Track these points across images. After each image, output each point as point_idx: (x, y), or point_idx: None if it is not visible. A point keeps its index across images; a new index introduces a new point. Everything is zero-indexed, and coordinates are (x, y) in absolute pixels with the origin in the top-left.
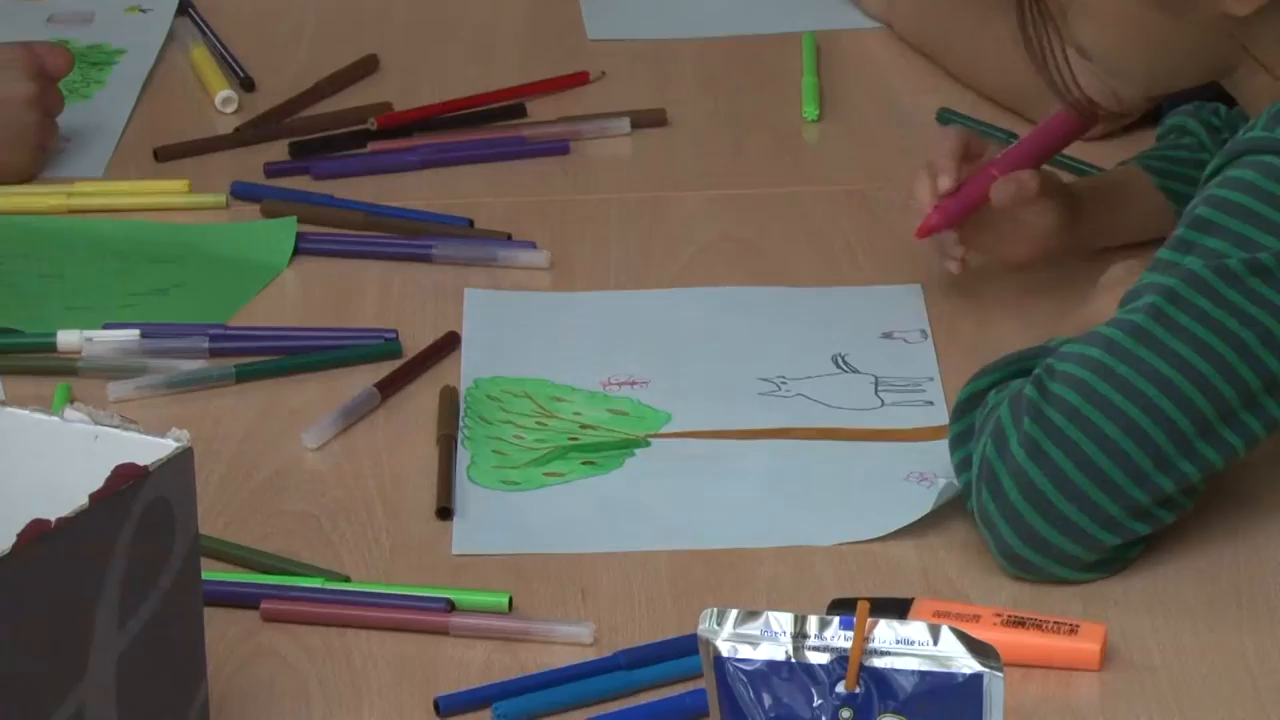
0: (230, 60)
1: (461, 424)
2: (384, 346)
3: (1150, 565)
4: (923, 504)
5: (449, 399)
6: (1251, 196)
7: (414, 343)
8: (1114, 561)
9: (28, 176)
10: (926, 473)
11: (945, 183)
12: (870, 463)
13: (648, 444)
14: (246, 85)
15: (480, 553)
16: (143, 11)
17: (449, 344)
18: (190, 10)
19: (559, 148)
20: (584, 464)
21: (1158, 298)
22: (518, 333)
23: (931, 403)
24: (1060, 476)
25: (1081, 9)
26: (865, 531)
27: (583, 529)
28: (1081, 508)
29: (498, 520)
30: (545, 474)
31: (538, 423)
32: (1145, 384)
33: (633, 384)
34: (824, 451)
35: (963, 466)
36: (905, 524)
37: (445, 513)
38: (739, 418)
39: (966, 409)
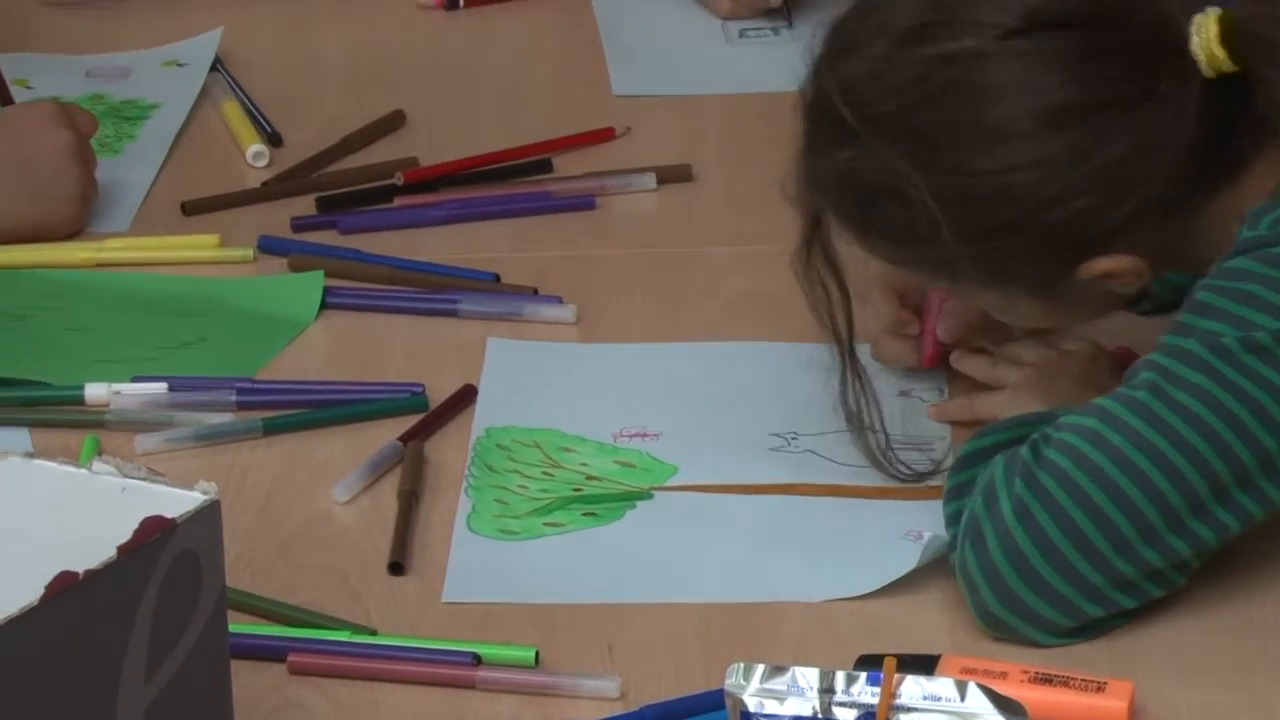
0: (258, 115)
1: (468, 473)
2: (410, 400)
3: (1176, 622)
4: (912, 560)
5: (415, 455)
6: (1250, 281)
7: (440, 397)
8: (1093, 629)
9: (75, 230)
10: (925, 530)
11: (913, 329)
12: (869, 520)
13: (650, 496)
14: (274, 140)
15: (470, 600)
16: (180, 66)
17: (467, 397)
18: (219, 66)
19: (585, 203)
20: (584, 515)
21: (1155, 374)
22: (535, 382)
23: (939, 462)
24: (1046, 541)
25: (987, 305)
26: (854, 588)
27: (574, 579)
28: (1065, 575)
29: (490, 569)
30: (545, 524)
31: (544, 473)
32: (1138, 455)
33: (644, 436)
34: (823, 508)
35: (952, 520)
36: (892, 579)
37: (397, 568)
38: (745, 472)
39: (967, 464)
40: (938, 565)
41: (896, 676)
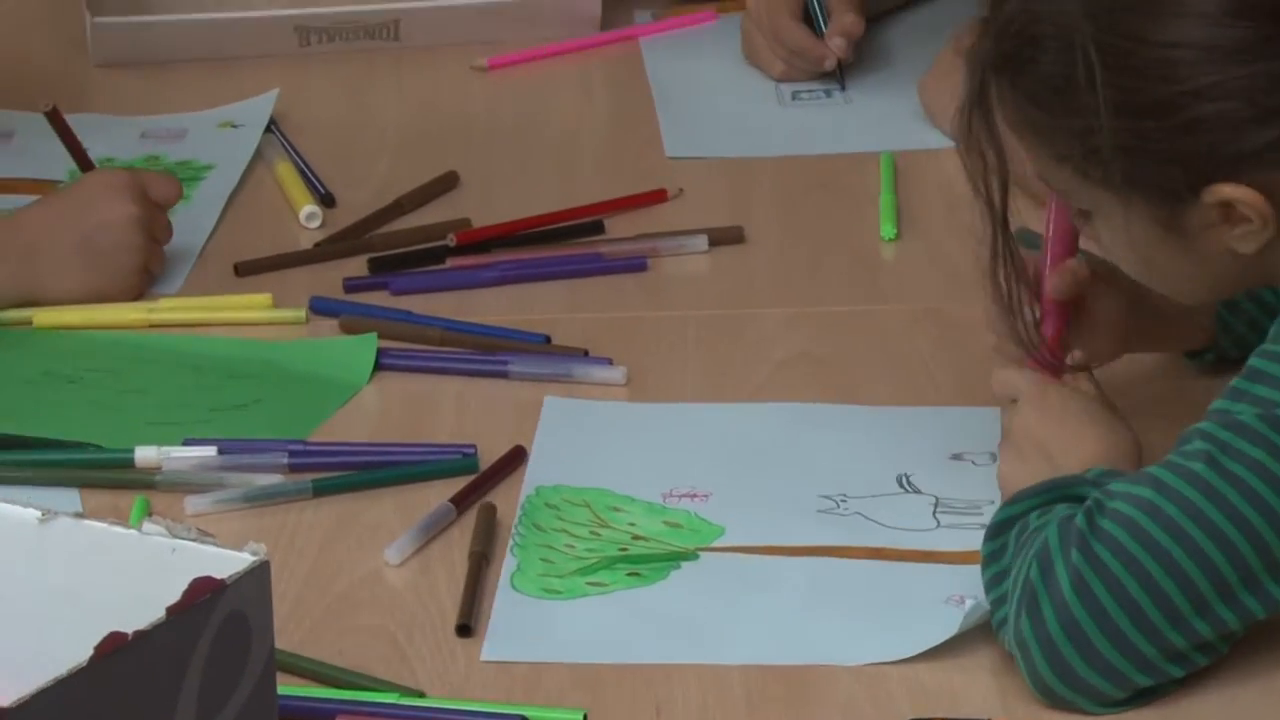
0: (311, 177)
1: (515, 532)
2: (461, 462)
3: (1231, 688)
4: (953, 626)
5: (486, 516)
6: None
7: (490, 458)
8: (1141, 698)
9: (131, 298)
10: (966, 595)
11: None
12: (913, 584)
13: (696, 557)
14: (327, 201)
15: (509, 660)
16: (235, 127)
17: (517, 458)
18: (274, 127)
19: (637, 264)
20: (629, 575)
21: (1209, 444)
22: (587, 441)
23: (987, 526)
24: (1103, 615)
25: (1106, 226)
26: (895, 652)
27: (618, 640)
28: (1119, 647)
29: (531, 628)
30: (588, 583)
31: (591, 532)
32: (1193, 527)
33: (693, 496)
34: (868, 571)
35: (993, 584)
36: (930, 646)
37: (465, 630)
38: (792, 534)
39: (1002, 530)
40: (986, 628)
41: None
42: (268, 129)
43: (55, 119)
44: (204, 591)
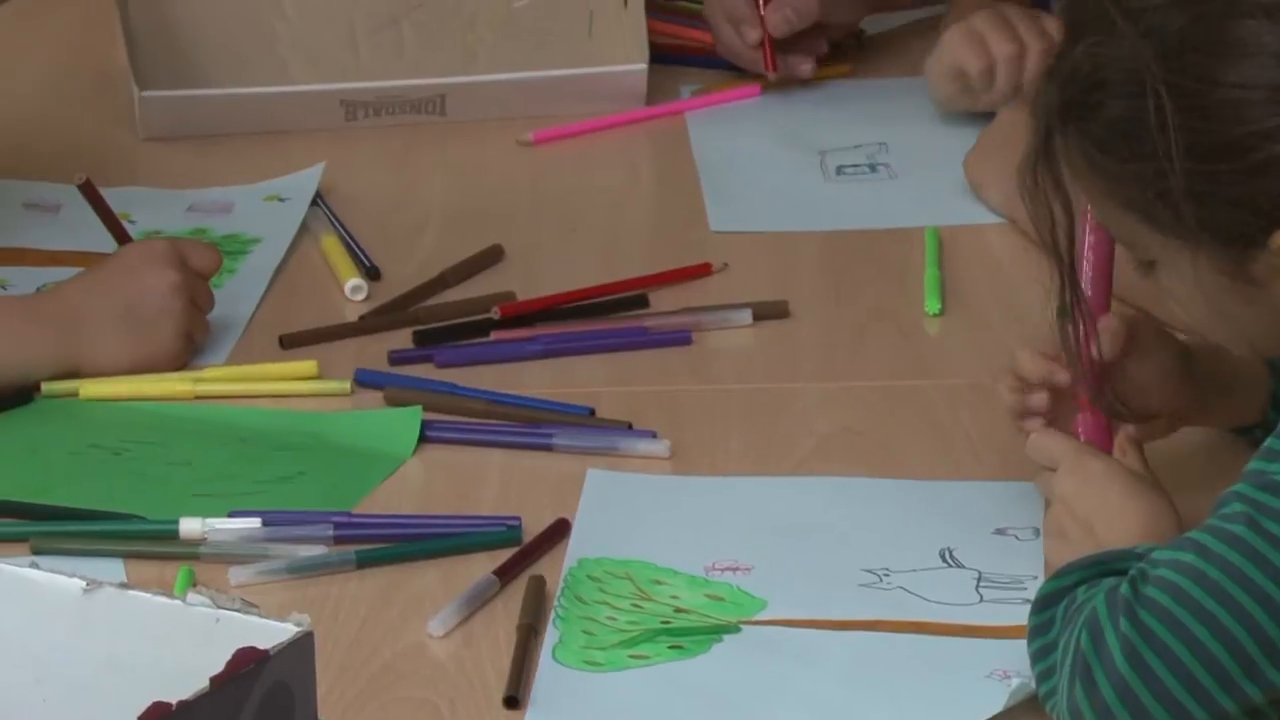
0: (357, 249)
1: (557, 604)
2: (505, 534)
3: None
4: (998, 702)
5: (535, 589)
6: None
7: (534, 530)
8: None
9: (176, 365)
10: (1009, 670)
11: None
12: (956, 659)
13: (738, 630)
14: (372, 274)
15: None
16: (281, 200)
17: (561, 531)
18: (320, 200)
19: (681, 338)
20: (671, 648)
21: (1248, 506)
22: (631, 514)
23: (1030, 601)
24: (1157, 682)
25: (1172, 275)
26: None
27: (658, 713)
28: (1173, 713)
29: (573, 701)
30: (630, 655)
31: (634, 605)
32: (1236, 589)
33: (735, 569)
34: (910, 645)
35: (1039, 656)
36: None
37: (513, 702)
38: (834, 608)
39: (1049, 603)
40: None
41: None
42: (314, 202)
43: (89, 191)
44: (248, 662)
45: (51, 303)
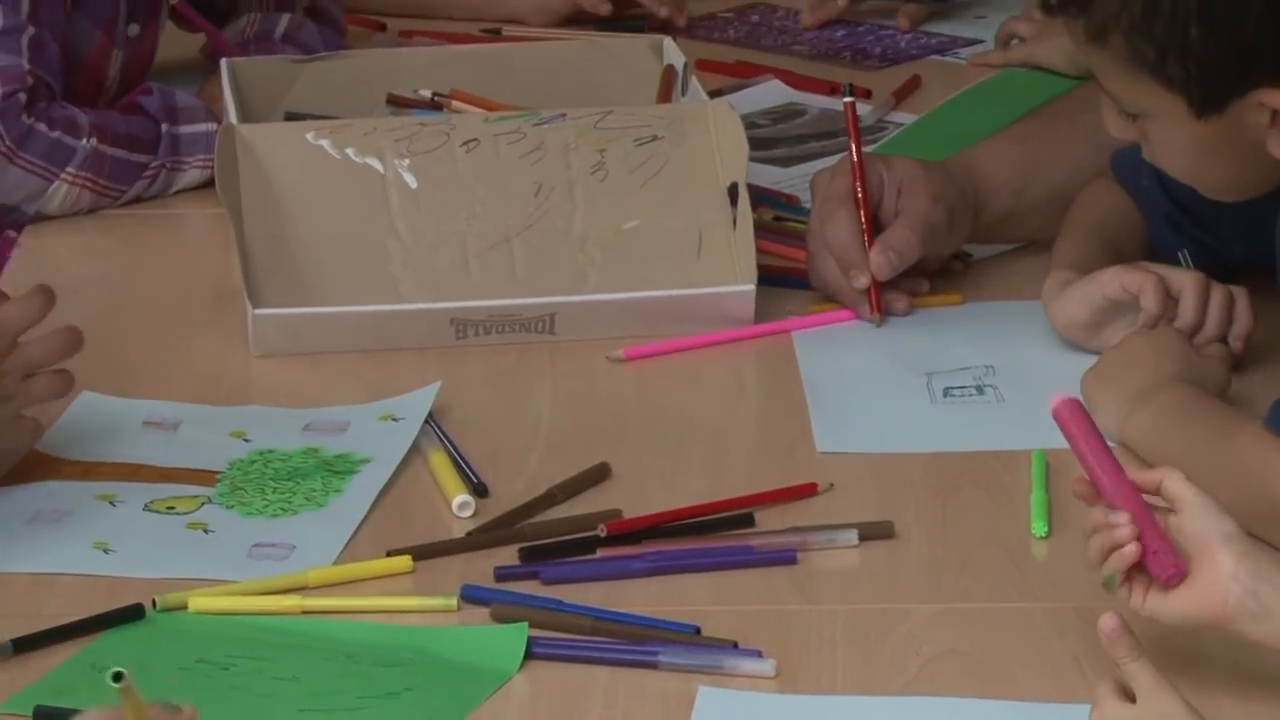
0: (465, 466)
1: None
2: None
3: None
4: None
5: None
6: None
7: None
8: None
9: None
10: None
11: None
12: None
13: None
14: (479, 491)
15: None
16: (395, 420)
17: None
18: (430, 419)
19: (786, 557)
20: None
21: None
22: None
23: None
24: None
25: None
26: None
27: None
28: None
29: None
30: None
31: None
32: None
33: None
34: None
35: None
36: None
37: None
38: None
39: None
40: None
41: None
42: (426, 420)
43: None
44: None
45: None
